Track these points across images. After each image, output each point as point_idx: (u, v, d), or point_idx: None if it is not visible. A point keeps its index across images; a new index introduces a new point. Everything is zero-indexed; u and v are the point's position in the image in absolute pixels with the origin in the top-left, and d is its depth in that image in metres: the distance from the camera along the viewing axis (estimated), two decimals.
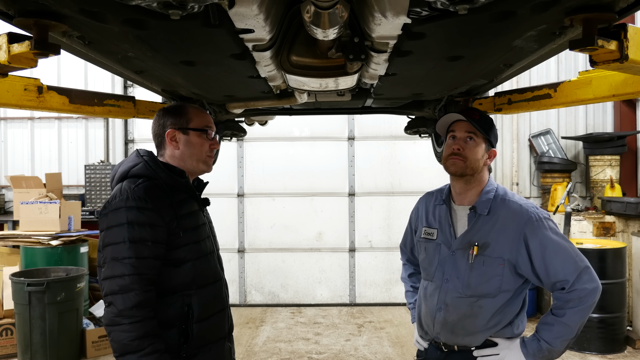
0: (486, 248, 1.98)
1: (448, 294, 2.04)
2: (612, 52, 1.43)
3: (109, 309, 1.71)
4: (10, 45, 1.42)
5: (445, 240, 2.09)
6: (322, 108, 3.46)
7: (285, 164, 7.12)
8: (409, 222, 2.38)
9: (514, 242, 1.96)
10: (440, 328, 2.06)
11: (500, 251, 1.97)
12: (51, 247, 5.40)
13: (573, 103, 2.47)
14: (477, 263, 1.98)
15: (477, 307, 2.00)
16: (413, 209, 2.34)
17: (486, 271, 1.98)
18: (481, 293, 1.99)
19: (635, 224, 5.79)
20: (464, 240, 2.03)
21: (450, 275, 2.04)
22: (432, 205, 2.20)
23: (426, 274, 2.16)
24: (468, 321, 2.02)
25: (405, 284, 2.46)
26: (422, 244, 2.18)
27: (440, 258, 2.08)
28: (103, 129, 7.46)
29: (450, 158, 2.02)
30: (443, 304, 2.05)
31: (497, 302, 1.99)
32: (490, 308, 1.99)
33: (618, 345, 5.17)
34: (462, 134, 2.03)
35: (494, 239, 1.98)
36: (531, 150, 7.25)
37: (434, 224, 2.15)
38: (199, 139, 1.93)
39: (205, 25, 1.42)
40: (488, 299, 1.99)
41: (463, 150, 2.01)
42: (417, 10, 1.35)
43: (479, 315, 2.00)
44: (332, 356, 5.22)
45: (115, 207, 1.75)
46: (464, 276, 2.01)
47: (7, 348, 5.14)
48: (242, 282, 7.17)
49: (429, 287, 2.13)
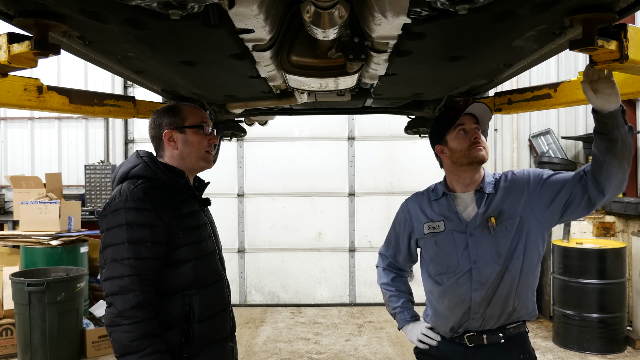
0: (502, 215, 2.07)
1: (482, 272, 2.06)
2: (612, 52, 1.43)
3: (110, 310, 1.72)
4: (10, 45, 1.42)
5: (457, 227, 2.12)
6: (322, 108, 3.46)
7: (285, 164, 7.12)
8: (392, 228, 2.37)
9: (522, 196, 2.07)
10: (479, 307, 2.07)
11: (514, 211, 2.07)
12: (51, 247, 5.40)
13: (573, 103, 2.47)
14: (500, 231, 2.06)
15: (512, 272, 2.05)
16: (399, 213, 2.34)
17: (510, 234, 2.06)
18: (512, 256, 2.05)
19: (635, 224, 5.79)
20: (481, 219, 2.08)
21: (477, 256, 2.07)
22: (426, 202, 2.23)
23: (444, 267, 2.13)
24: (506, 289, 2.06)
25: (388, 288, 2.38)
26: (429, 239, 2.17)
27: (459, 245, 2.10)
28: (103, 129, 7.46)
29: (475, 147, 2.09)
30: (478, 284, 2.07)
31: (529, 265, 2.07)
32: (525, 272, 2.07)
33: (618, 345, 5.17)
34: (472, 126, 2.12)
35: (506, 204, 2.08)
36: (531, 150, 7.25)
37: (436, 217, 2.17)
38: (196, 136, 1.93)
39: (205, 25, 1.42)
40: (519, 261, 2.05)
41: (480, 139, 2.11)
42: (417, 10, 1.35)
43: (515, 281, 2.06)
44: (332, 356, 5.22)
45: (115, 208, 1.76)
46: (491, 248, 2.06)
47: (7, 348, 5.14)
48: (242, 282, 7.17)
49: (450, 279, 2.12)
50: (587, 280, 5.17)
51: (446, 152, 2.16)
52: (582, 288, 5.20)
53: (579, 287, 5.21)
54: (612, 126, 1.79)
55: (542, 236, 2.09)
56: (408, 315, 2.32)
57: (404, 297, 2.36)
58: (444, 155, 2.18)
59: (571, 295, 5.28)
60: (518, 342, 2.13)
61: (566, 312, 5.28)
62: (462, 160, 2.11)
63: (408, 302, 2.36)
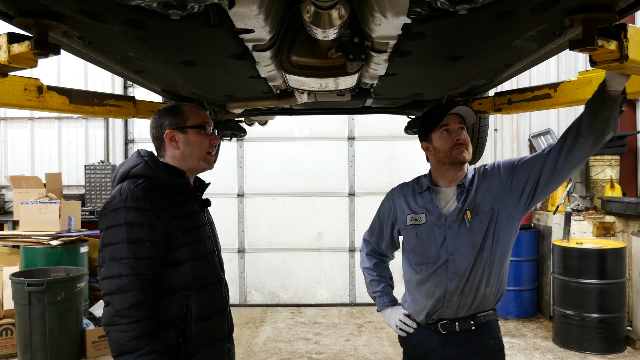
0: (477, 208, 2.16)
1: (457, 263, 2.16)
2: (612, 52, 1.43)
3: (107, 309, 1.72)
4: (10, 45, 1.42)
5: (436, 221, 2.21)
6: (322, 108, 3.46)
7: (285, 164, 7.12)
8: (377, 215, 2.47)
9: (494, 188, 2.17)
10: (452, 296, 2.17)
11: (487, 203, 2.16)
12: (51, 247, 5.40)
13: (573, 103, 2.47)
14: (475, 223, 2.15)
15: (484, 262, 2.14)
16: (384, 202, 2.43)
17: (484, 226, 2.15)
18: (484, 247, 2.14)
19: (635, 224, 5.79)
20: (458, 213, 2.17)
21: (454, 248, 2.16)
22: (410, 194, 2.32)
23: (423, 257, 2.24)
24: (477, 278, 2.15)
25: (370, 272, 2.49)
26: (411, 230, 2.27)
27: (438, 237, 2.19)
28: (103, 129, 7.46)
29: (457, 148, 2.16)
30: (453, 274, 2.16)
31: (500, 254, 2.17)
32: (496, 260, 2.16)
33: (618, 345, 5.17)
34: (456, 126, 2.18)
35: (480, 197, 2.17)
36: (531, 150, 7.25)
37: (419, 209, 2.26)
38: (197, 136, 1.93)
39: (205, 25, 1.42)
40: (491, 251, 2.14)
41: (464, 139, 2.17)
42: (417, 10, 1.35)
43: (486, 270, 2.15)
44: (332, 356, 5.22)
45: (115, 207, 1.76)
46: (467, 241, 2.15)
47: (7, 348, 5.14)
48: (242, 282, 7.17)
49: (429, 269, 2.22)
50: (587, 280, 5.17)
51: (431, 150, 2.25)
52: (582, 288, 5.20)
53: (579, 287, 5.21)
54: (608, 106, 1.86)
55: (514, 225, 2.19)
56: (387, 299, 2.44)
57: (385, 282, 2.47)
58: (428, 152, 2.28)
59: (571, 295, 5.27)
60: (488, 329, 2.23)
61: (566, 312, 5.28)
62: (445, 160, 2.20)
63: (388, 286, 2.47)
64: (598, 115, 1.89)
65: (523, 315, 6.29)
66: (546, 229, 6.30)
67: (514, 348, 5.26)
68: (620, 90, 1.82)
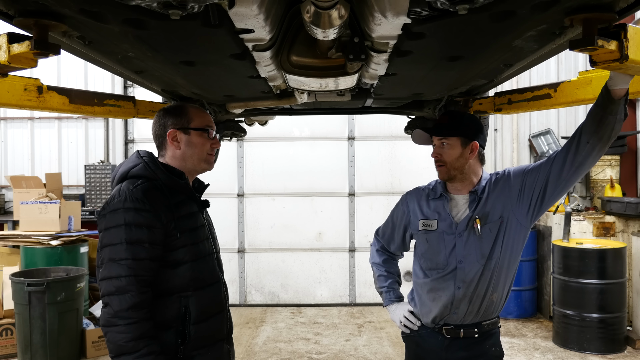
0: (487, 217, 2.17)
1: (465, 271, 2.17)
2: (612, 52, 1.43)
3: (106, 310, 1.71)
4: (10, 45, 1.42)
5: (447, 228, 2.22)
6: (322, 108, 3.46)
7: (285, 164, 7.12)
8: (390, 216, 2.51)
9: (504, 197, 2.17)
10: (460, 303, 2.19)
11: (497, 212, 2.17)
12: (51, 247, 5.40)
13: (573, 103, 2.47)
14: (485, 232, 2.16)
15: (492, 270, 2.15)
16: (398, 205, 2.47)
17: (493, 235, 2.16)
18: (493, 255, 2.15)
19: (635, 224, 5.79)
20: (468, 221, 2.18)
21: (463, 256, 2.17)
22: (424, 199, 2.33)
23: (433, 263, 2.26)
24: (485, 285, 2.16)
25: (378, 267, 2.53)
26: (422, 235, 2.29)
27: (447, 245, 2.20)
28: (103, 129, 7.46)
29: (436, 166, 2.24)
30: (461, 282, 2.18)
31: (508, 263, 2.17)
32: (504, 269, 2.17)
33: (618, 345, 5.17)
34: (437, 141, 2.23)
35: (490, 206, 2.18)
36: (531, 150, 7.25)
37: (431, 215, 2.27)
38: (200, 139, 1.93)
39: (205, 25, 1.42)
40: (499, 260, 2.15)
41: (441, 156, 2.20)
42: (417, 11, 1.35)
43: (493, 278, 2.16)
44: (332, 356, 5.22)
45: (114, 208, 1.75)
46: (476, 249, 2.16)
47: (7, 348, 5.14)
48: (242, 282, 7.17)
49: (437, 275, 2.24)
50: (587, 280, 5.17)
51: None
52: (582, 288, 5.20)
53: (579, 287, 5.21)
54: (612, 110, 1.84)
55: (523, 233, 2.20)
56: (393, 295, 2.49)
57: (392, 278, 2.51)
58: None
59: (571, 295, 5.28)
60: (490, 335, 2.26)
61: (566, 312, 5.28)
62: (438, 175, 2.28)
63: (395, 283, 2.52)
64: (603, 121, 1.88)
65: (523, 315, 6.29)
66: (546, 229, 6.30)
67: (514, 348, 5.27)
68: (624, 89, 1.81)
